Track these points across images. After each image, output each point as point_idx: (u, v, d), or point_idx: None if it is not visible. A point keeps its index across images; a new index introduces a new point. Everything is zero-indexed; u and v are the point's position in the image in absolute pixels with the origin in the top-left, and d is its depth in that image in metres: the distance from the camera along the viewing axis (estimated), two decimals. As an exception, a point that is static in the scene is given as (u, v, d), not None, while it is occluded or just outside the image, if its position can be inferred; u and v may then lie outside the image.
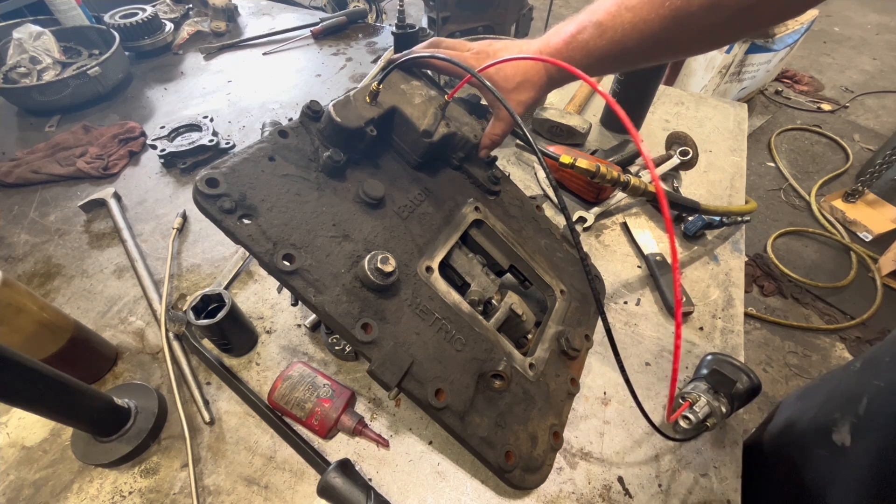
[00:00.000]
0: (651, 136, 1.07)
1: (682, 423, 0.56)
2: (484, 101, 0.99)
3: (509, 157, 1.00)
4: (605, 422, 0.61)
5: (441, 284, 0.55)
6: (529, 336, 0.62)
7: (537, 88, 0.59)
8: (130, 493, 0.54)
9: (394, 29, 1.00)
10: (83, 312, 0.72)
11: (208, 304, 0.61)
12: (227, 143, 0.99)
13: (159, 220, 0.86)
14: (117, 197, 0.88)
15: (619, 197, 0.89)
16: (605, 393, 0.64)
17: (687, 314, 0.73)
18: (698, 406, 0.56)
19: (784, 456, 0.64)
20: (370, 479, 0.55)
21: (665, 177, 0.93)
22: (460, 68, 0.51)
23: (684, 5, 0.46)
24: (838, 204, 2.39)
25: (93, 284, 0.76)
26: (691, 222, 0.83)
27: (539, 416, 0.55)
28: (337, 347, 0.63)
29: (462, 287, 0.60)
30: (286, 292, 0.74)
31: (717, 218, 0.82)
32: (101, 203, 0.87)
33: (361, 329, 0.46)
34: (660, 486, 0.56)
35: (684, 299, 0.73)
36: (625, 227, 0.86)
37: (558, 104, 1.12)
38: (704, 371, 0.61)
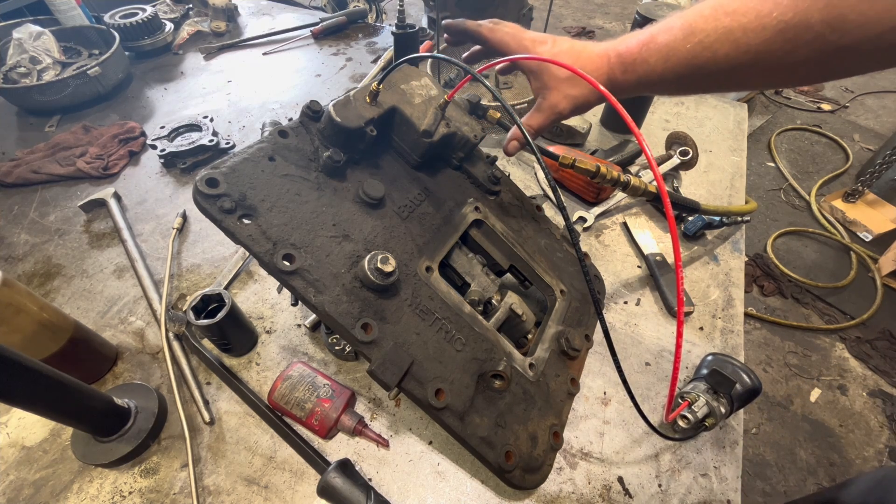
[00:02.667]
0: (651, 136, 1.07)
1: (681, 423, 0.56)
2: (485, 101, 0.99)
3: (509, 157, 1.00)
4: (605, 422, 0.61)
5: (441, 284, 0.55)
6: (529, 336, 0.62)
7: (592, 87, 0.54)
8: (130, 493, 0.54)
9: (394, 29, 1.00)
10: (83, 312, 0.72)
11: (208, 304, 0.61)
12: (227, 143, 0.99)
13: (159, 220, 0.86)
14: (117, 197, 0.88)
15: (619, 197, 0.89)
16: (605, 393, 0.64)
17: (687, 314, 0.73)
18: (697, 406, 0.56)
19: None
20: (370, 479, 0.55)
21: (665, 177, 0.93)
22: (463, 67, 0.51)
23: (800, 19, 0.38)
24: (838, 204, 2.39)
25: (93, 284, 0.76)
26: (691, 222, 0.83)
27: (539, 416, 0.55)
28: (337, 347, 0.63)
29: (462, 287, 0.60)
30: (286, 292, 0.74)
31: (717, 218, 0.82)
32: (101, 203, 0.87)
33: (361, 329, 0.46)
34: (660, 485, 0.56)
35: (684, 299, 0.73)
36: (625, 227, 0.86)
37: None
38: (704, 371, 0.61)
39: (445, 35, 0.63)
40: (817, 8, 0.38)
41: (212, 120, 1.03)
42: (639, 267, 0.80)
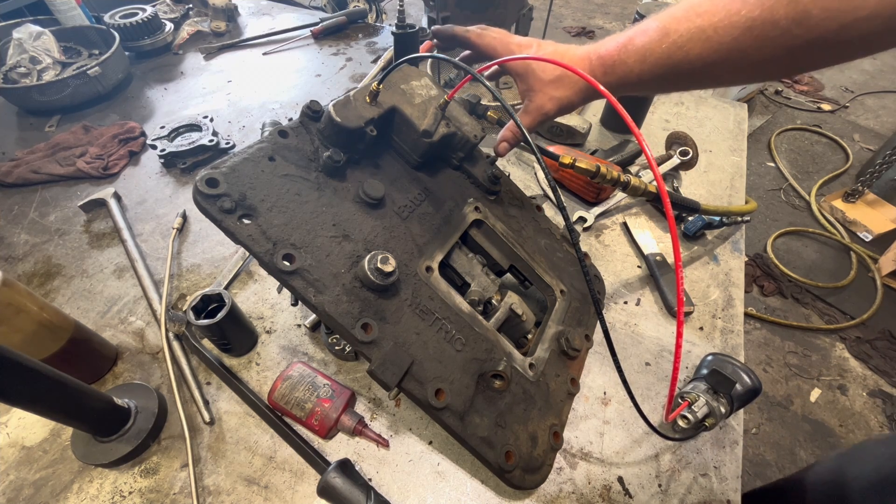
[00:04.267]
0: (651, 136, 1.07)
1: (681, 423, 0.56)
2: (485, 101, 0.99)
3: (509, 156, 1.00)
4: (605, 422, 0.61)
5: (441, 284, 0.55)
6: (529, 336, 0.62)
7: (576, 88, 0.56)
8: (130, 493, 0.54)
9: (394, 29, 1.00)
10: (83, 312, 0.72)
11: (208, 304, 0.61)
12: (227, 143, 0.99)
13: (159, 220, 0.86)
14: (117, 197, 0.88)
15: (619, 197, 0.89)
16: (605, 393, 0.64)
17: (687, 314, 0.73)
18: (697, 406, 0.56)
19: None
20: (370, 479, 0.55)
21: (665, 177, 0.93)
22: (462, 67, 0.51)
23: (766, 16, 0.40)
24: (838, 204, 2.39)
25: (93, 284, 0.76)
26: (691, 222, 0.83)
27: (539, 416, 0.55)
28: (337, 347, 0.63)
29: (462, 287, 0.60)
30: (286, 292, 0.74)
31: (717, 218, 0.82)
32: (101, 203, 0.87)
33: (361, 329, 0.46)
34: (660, 486, 0.56)
35: (684, 299, 0.73)
36: (625, 227, 0.86)
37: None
38: (704, 371, 0.61)
39: (435, 41, 0.65)
40: (782, 5, 0.39)
41: (212, 120, 1.03)
42: (639, 267, 0.80)
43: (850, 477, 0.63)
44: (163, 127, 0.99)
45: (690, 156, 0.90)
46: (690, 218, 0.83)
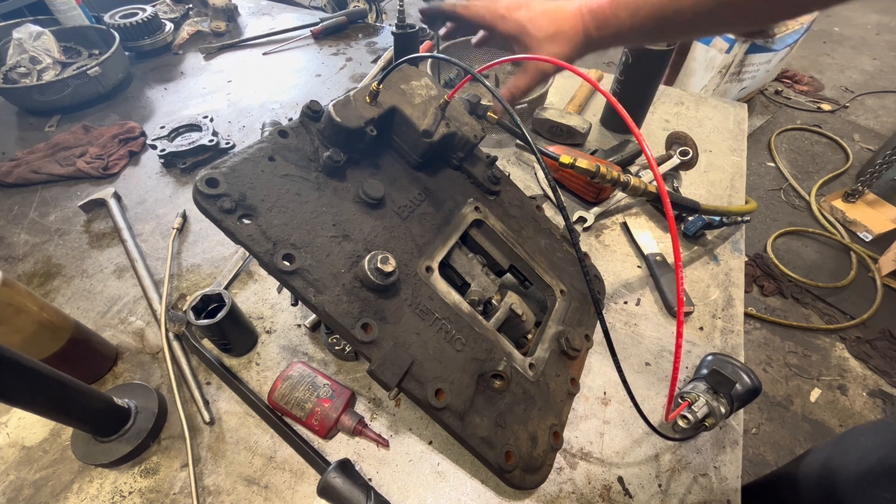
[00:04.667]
0: (651, 136, 1.07)
1: (681, 423, 0.56)
2: (485, 101, 0.99)
3: (509, 157, 1.00)
4: (605, 422, 0.61)
5: (441, 284, 0.55)
6: (529, 336, 0.62)
7: (572, 44, 0.56)
8: (130, 493, 0.54)
9: (394, 29, 1.00)
10: (83, 312, 0.72)
11: (208, 304, 0.61)
12: (227, 143, 0.99)
13: (159, 220, 0.86)
14: (117, 197, 0.88)
15: (619, 197, 0.89)
16: (605, 393, 0.64)
17: (687, 314, 0.73)
18: (697, 406, 0.56)
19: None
20: (370, 479, 0.55)
21: (665, 177, 0.93)
22: (463, 67, 0.51)
23: None
24: (838, 204, 2.39)
25: (93, 284, 0.76)
26: (691, 222, 0.83)
27: (539, 416, 0.55)
28: (337, 347, 0.63)
29: (462, 287, 0.60)
30: (286, 292, 0.74)
31: (717, 218, 0.82)
32: (101, 203, 0.87)
33: (361, 329, 0.46)
34: (660, 486, 0.56)
35: (684, 299, 0.73)
36: (625, 227, 0.86)
37: (558, 104, 1.12)
38: (704, 371, 0.61)
39: (422, 19, 0.65)
40: None
41: (212, 120, 1.03)
42: (639, 267, 0.80)
43: (837, 468, 0.64)
44: (163, 127, 0.99)
45: (690, 156, 0.90)
46: (690, 218, 0.83)
